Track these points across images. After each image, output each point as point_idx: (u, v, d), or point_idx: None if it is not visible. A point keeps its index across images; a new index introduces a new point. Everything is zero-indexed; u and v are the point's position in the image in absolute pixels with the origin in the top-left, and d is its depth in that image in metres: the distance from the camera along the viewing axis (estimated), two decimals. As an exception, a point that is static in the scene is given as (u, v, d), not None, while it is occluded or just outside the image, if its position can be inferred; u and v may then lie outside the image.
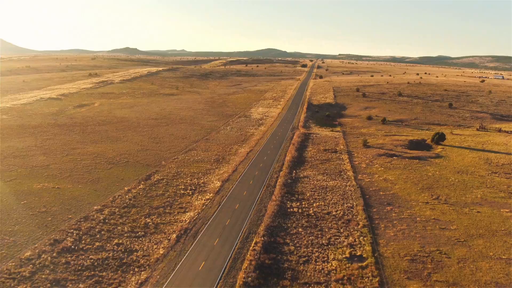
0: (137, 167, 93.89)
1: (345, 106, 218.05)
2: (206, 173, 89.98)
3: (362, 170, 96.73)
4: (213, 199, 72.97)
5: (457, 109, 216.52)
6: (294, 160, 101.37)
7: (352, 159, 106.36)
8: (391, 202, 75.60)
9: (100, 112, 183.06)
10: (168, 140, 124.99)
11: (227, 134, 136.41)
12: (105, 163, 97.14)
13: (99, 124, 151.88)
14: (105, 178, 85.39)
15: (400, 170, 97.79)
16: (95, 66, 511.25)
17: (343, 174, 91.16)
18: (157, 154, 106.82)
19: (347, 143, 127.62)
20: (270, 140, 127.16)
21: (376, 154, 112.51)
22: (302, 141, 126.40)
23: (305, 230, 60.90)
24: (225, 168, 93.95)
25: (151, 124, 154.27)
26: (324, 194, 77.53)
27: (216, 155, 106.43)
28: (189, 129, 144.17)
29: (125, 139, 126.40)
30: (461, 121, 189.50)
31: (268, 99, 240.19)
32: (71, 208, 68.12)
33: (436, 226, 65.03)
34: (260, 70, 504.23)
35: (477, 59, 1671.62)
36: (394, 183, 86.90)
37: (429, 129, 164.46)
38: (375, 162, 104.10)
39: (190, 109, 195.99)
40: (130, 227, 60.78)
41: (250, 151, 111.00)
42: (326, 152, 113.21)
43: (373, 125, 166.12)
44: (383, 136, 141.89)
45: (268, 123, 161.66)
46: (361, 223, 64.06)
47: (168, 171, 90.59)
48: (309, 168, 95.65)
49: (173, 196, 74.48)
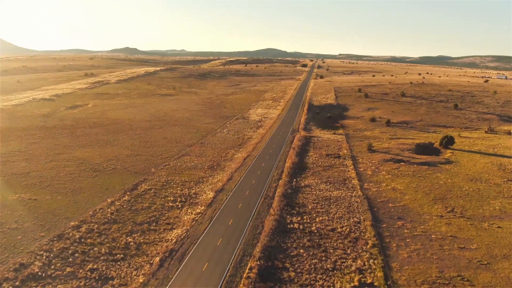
0: (124, 175, 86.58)
1: (347, 107, 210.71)
2: (198, 182, 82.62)
3: (368, 178, 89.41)
4: (205, 213, 65.66)
5: (462, 110, 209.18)
6: (294, 166, 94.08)
7: (356, 165, 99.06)
8: (402, 215, 68.32)
9: (93, 113, 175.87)
10: (161, 144, 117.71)
11: (223, 138, 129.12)
12: (90, 170, 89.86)
13: (90, 127, 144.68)
14: (88, 187, 78.11)
15: (409, 177, 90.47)
16: (93, 66, 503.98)
17: (348, 183, 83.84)
18: (147, 160, 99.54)
19: (351, 147, 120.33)
20: (269, 144, 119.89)
21: (382, 159, 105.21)
22: (303, 145, 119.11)
23: (307, 251, 53.62)
24: (220, 176, 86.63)
25: (144, 126, 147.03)
26: (327, 206, 70.23)
27: (211, 161, 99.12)
28: (183, 132, 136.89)
29: (115, 143, 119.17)
30: (468, 123, 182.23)
31: (268, 100, 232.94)
32: (45, 224, 60.85)
33: (454, 245, 57.76)
34: (260, 70, 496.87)
35: (478, 59, 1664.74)
36: (403, 193, 79.60)
37: (436, 132, 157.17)
38: (382, 169, 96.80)
39: (186, 110, 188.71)
40: (108, 248, 53.49)
41: (248, 156, 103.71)
42: (328, 157, 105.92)
43: (377, 127, 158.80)
44: (388, 140, 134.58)
45: (267, 125, 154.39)
46: (370, 242, 56.78)
47: (157, 179, 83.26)
48: (310, 176, 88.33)
49: (160, 210, 67.17)
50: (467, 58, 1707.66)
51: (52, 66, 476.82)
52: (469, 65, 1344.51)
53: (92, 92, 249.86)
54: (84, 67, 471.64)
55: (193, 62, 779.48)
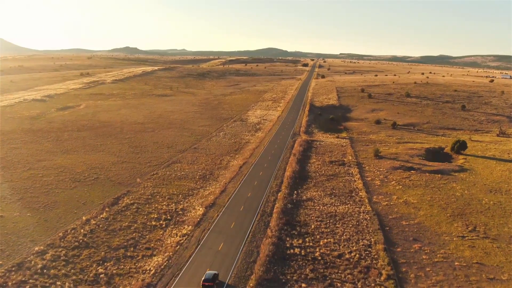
0: (106, 186, 78.07)
1: (350, 108, 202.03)
2: (188, 194, 74.01)
3: (377, 189, 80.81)
4: (191, 235, 57.08)
5: (470, 112, 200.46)
6: (295, 175, 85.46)
7: (363, 174, 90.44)
8: (418, 236, 59.73)
9: (84, 115, 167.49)
10: (151, 150, 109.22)
11: (219, 142, 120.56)
12: (70, 180, 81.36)
13: (78, 130, 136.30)
14: (63, 201, 69.63)
15: (422, 188, 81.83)
16: (90, 66, 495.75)
17: (355, 195, 75.21)
18: (134, 168, 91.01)
19: (356, 152, 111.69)
20: (268, 149, 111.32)
21: (390, 167, 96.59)
22: (304, 150, 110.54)
23: (310, 286, 45.06)
24: (212, 187, 78.04)
25: (136, 129, 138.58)
26: (333, 225, 61.67)
27: (203, 170, 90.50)
28: (177, 136, 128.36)
29: (102, 148, 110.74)
30: (477, 125, 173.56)
31: (267, 101, 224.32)
32: (6, 249, 52.36)
33: (482, 276, 49.20)
34: (260, 69, 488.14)
35: (479, 58, 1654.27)
36: (417, 208, 71.00)
37: (445, 135, 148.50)
38: (391, 178, 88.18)
39: (182, 111, 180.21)
40: (73, 282, 45.00)
41: (244, 163, 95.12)
42: (332, 164, 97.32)
43: (382, 130, 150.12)
44: (396, 144, 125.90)
45: (266, 128, 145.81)
46: (384, 272, 48.21)
47: (142, 191, 74.71)
48: (313, 187, 79.69)
49: (141, 230, 58.61)
50: (468, 58, 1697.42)
51: (49, 65, 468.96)
52: (470, 65, 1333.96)
53: (86, 92, 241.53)
54: (81, 67, 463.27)
55: (192, 62, 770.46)
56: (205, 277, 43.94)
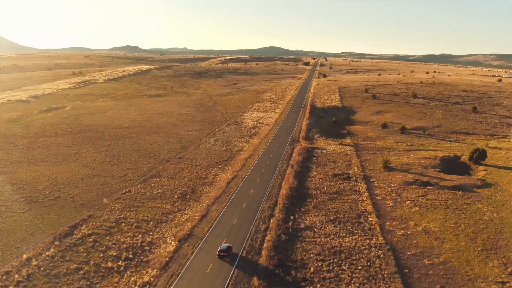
0: (66, 209, 65.29)
1: (354, 110, 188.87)
2: (160, 221, 61.10)
3: (389, 212, 67.84)
4: (155, 283, 44.21)
5: (482, 114, 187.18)
6: (292, 194, 72.53)
7: (372, 191, 77.45)
8: (447, 283, 46.81)
9: (66, 118, 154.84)
10: (130, 160, 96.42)
11: (208, 150, 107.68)
12: (26, 200, 68.64)
13: (56, 135, 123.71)
14: (8, 231, 56.90)
15: (443, 211, 68.84)
16: (86, 64, 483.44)
17: (363, 222, 62.26)
18: (105, 184, 78.22)
19: (362, 162, 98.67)
20: (262, 159, 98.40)
21: (403, 181, 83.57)
22: (304, 160, 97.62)
23: None
24: (192, 210, 65.13)
25: (118, 134, 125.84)
26: (337, 266, 48.76)
27: (185, 186, 77.58)
28: (162, 142, 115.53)
29: (75, 157, 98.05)
30: (492, 129, 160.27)
31: (266, 101, 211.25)
32: None
33: None
34: (260, 68, 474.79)
35: (481, 57, 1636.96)
36: (441, 239, 58.01)
37: (458, 140, 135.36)
38: (405, 196, 75.19)
39: (173, 114, 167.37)
40: None
41: (233, 178, 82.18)
42: (336, 178, 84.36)
43: (390, 135, 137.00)
44: (406, 152, 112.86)
45: (263, 132, 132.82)
46: None
47: (105, 217, 61.86)
48: (313, 210, 66.73)
49: (92, 277, 45.76)
50: (471, 57, 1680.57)
51: (43, 64, 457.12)
52: (472, 64, 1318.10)
53: (75, 92, 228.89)
54: (76, 66, 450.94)
55: (192, 60, 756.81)
56: (220, 249, 49.71)
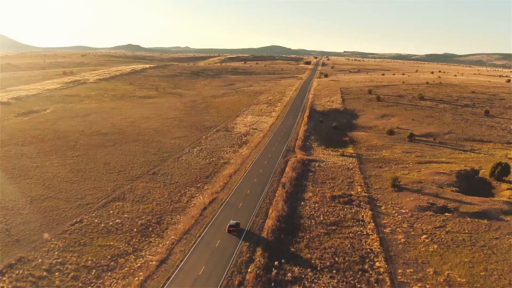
0: (-8, 248, 51.62)
1: (357, 114, 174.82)
2: (107, 268, 47.23)
3: (401, 252, 53.80)
4: None
5: (496, 118, 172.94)
6: (280, 226, 58.59)
7: (379, 221, 63.40)
8: None
9: (43, 122, 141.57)
10: (95, 176, 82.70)
11: (189, 163, 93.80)
12: None
13: (23, 143, 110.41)
14: None
15: (468, 249, 54.80)
16: (82, 63, 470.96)
17: (369, 269, 48.23)
18: (55, 210, 64.53)
19: (367, 180, 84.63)
20: (250, 175, 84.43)
21: (416, 206, 69.57)
22: (298, 176, 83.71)
23: None
24: (150, 252, 51.17)
25: (93, 142, 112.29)
26: None
27: (150, 214, 63.66)
28: (139, 153, 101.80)
29: (34, 172, 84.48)
30: (509, 136, 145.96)
31: (262, 104, 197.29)
32: None
33: None
34: (259, 67, 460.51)
35: (485, 56, 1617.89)
36: (471, 297, 44.08)
37: (473, 150, 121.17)
38: (420, 228, 61.14)
39: (160, 118, 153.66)
40: None
41: (211, 202, 68.29)
42: (335, 202, 70.40)
43: (397, 143, 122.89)
44: (417, 165, 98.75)
45: (255, 141, 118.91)
46: None
47: (39, 261, 48.08)
48: (305, 250, 52.70)
49: None
50: (474, 56, 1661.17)
51: (37, 63, 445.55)
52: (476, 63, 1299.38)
53: (61, 93, 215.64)
54: (71, 65, 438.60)
55: (191, 59, 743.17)
56: (230, 224, 56.51)
